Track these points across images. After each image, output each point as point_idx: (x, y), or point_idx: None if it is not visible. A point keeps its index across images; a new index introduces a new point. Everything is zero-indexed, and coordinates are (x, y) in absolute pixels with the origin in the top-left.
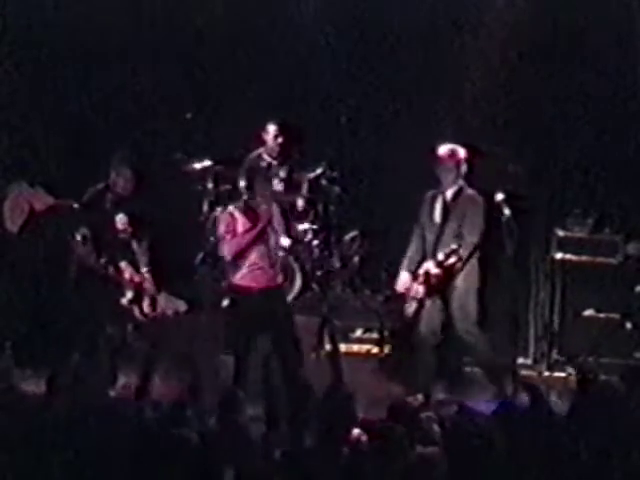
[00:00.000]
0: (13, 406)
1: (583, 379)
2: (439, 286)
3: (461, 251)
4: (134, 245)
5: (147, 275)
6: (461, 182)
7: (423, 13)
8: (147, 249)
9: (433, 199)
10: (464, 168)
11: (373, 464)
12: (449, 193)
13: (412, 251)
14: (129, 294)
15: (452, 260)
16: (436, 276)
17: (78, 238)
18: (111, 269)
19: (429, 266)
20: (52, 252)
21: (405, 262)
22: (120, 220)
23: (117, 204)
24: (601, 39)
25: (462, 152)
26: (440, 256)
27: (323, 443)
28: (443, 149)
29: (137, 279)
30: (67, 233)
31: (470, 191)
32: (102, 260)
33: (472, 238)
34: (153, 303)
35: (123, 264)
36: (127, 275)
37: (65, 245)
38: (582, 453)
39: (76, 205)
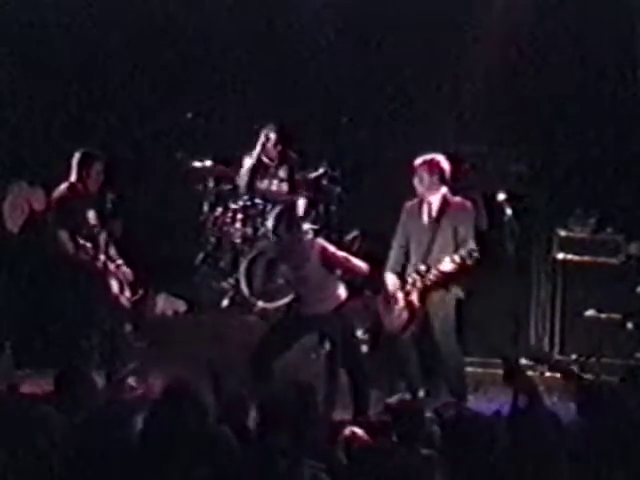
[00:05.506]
0: (13, 406)
1: (565, 375)
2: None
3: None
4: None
5: (121, 265)
6: (444, 190)
7: (423, 13)
8: (110, 240)
9: (419, 206)
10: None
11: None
12: (435, 200)
13: (397, 256)
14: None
15: (469, 261)
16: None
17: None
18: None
19: (446, 264)
20: (52, 252)
21: (390, 265)
22: (91, 217)
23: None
24: (601, 39)
25: (442, 161)
26: (462, 253)
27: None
28: (419, 160)
29: (114, 270)
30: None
31: (457, 198)
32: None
33: (471, 244)
34: (132, 289)
35: (102, 257)
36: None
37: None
38: (582, 454)
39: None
